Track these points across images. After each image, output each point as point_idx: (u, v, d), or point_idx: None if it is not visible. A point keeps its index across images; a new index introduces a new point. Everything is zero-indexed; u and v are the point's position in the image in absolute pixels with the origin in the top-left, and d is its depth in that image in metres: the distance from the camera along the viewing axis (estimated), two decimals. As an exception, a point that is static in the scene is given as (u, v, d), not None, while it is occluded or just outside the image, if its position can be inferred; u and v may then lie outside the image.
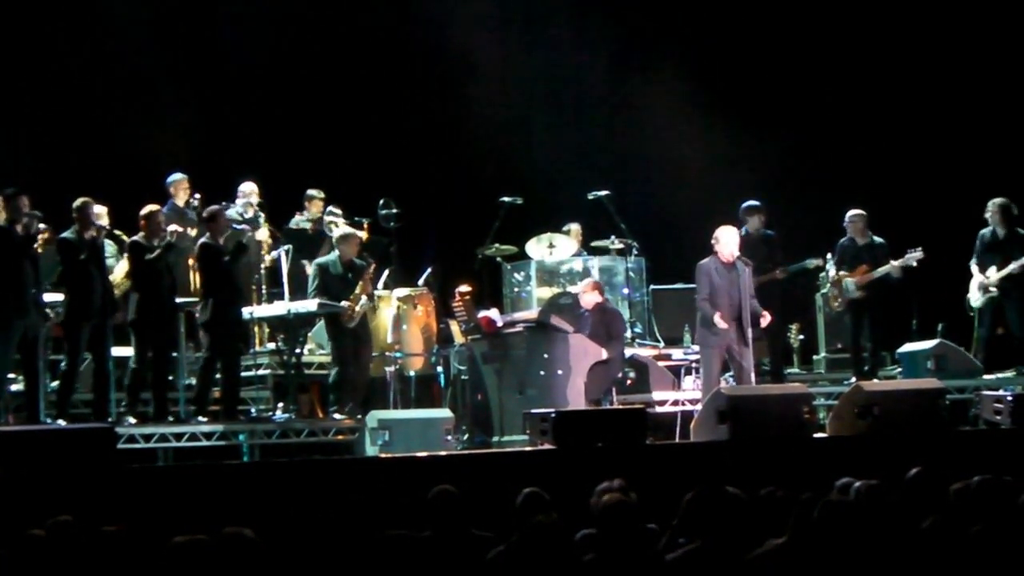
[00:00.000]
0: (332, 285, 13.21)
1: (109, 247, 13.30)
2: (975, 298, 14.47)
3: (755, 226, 14.40)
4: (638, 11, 17.99)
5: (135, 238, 12.62)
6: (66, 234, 12.16)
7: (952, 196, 15.90)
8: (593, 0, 18.02)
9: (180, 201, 14.38)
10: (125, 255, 13.00)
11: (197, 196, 14.42)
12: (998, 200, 14.41)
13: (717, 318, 12.40)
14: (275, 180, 15.19)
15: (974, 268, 14.48)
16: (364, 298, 13.21)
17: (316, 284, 13.27)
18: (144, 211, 12.68)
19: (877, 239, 14.60)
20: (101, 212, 12.95)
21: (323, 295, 13.16)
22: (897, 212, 15.58)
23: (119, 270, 13.16)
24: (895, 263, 14.34)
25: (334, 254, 13.44)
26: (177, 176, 14.54)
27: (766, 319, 12.81)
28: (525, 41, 17.96)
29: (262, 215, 14.52)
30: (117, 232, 13.63)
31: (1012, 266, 14.15)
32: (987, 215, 14.46)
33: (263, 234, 14.62)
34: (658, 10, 17.93)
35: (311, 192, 15.14)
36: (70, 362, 12.27)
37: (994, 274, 14.27)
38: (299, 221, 15.00)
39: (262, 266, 14.47)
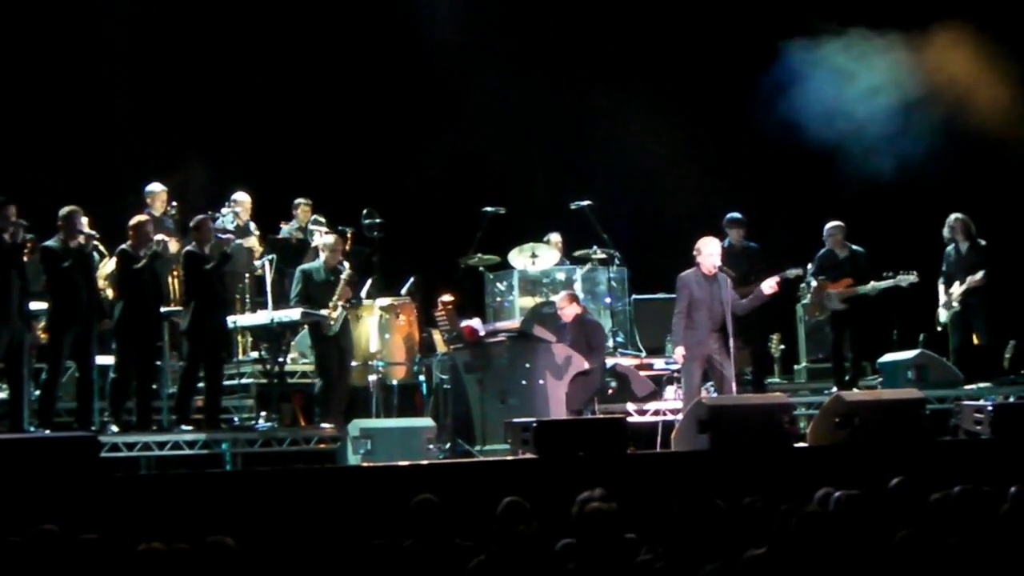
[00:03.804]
0: (315, 291, 13.21)
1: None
2: (943, 315, 14.63)
3: (737, 238, 14.46)
4: (621, 23, 18.03)
5: (122, 247, 12.61)
6: (49, 242, 12.15)
7: (939, 206, 15.92)
8: (573, 13, 18.04)
9: (157, 211, 14.41)
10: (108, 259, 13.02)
11: (174, 204, 14.48)
12: (958, 215, 14.53)
13: (678, 353, 12.49)
14: (260, 189, 15.24)
15: (941, 286, 14.62)
16: (340, 305, 13.19)
17: (299, 290, 13.28)
18: (132, 221, 12.70)
19: (857, 248, 14.62)
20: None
21: (305, 301, 13.16)
22: (881, 223, 15.63)
23: (101, 272, 13.16)
24: (877, 284, 14.35)
25: (319, 260, 13.45)
26: (156, 187, 14.59)
27: (770, 285, 12.81)
28: (508, 55, 17.96)
29: (252, 223, 14.52)
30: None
31: (969, 280, 14.28)
32: (947, 232, 14.60)
33: (253, 242, 14.65)
34: (641, 21, 17.96)
35: (299, 200, 15.19)
36: (51, 370, 12.25)
37: (957, 289, 14.39)
38: (287, 230, 15.01)
39: (246, 275, 14.48)
